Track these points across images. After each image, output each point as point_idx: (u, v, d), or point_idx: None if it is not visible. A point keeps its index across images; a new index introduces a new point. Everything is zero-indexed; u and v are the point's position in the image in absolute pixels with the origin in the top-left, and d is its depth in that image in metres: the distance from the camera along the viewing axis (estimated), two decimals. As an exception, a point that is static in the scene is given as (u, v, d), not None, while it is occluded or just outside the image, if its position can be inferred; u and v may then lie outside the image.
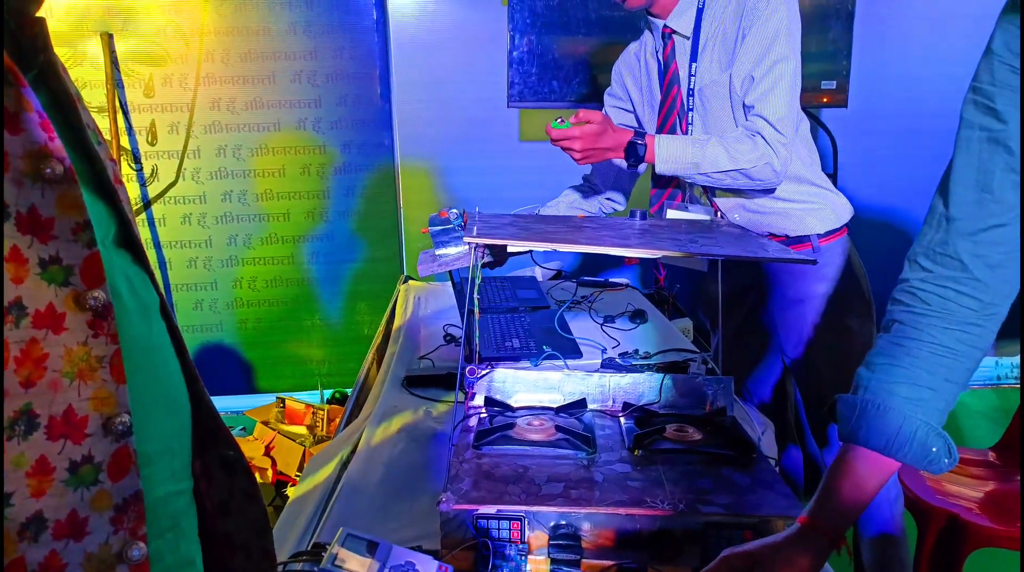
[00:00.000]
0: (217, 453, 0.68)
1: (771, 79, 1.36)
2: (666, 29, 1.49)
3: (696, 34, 1.46)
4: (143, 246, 0.61)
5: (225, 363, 2.93)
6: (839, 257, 1.50)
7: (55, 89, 0.55)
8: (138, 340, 0.57)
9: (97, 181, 0.57)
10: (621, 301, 2.03)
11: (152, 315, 0.61)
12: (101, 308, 0.52)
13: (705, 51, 1.45)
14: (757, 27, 1.36)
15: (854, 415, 0.78)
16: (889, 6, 2.79)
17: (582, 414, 1.11)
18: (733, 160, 1.36)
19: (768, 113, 1.36)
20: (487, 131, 2.82)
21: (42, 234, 0.49)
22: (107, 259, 0.53)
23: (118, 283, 0.56)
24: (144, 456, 0.55)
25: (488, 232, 0.93)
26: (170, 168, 2.73)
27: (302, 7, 2.64)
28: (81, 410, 0.50)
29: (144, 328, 0.60)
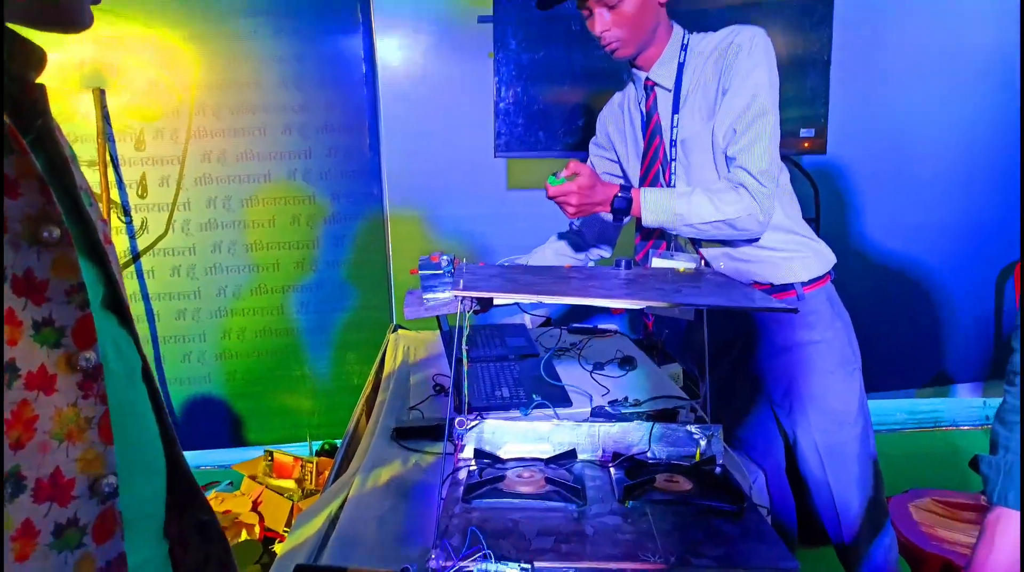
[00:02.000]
0: (193, 517, 0.67)
1: (753, 132, 1.39)
2: (648, 81, 1.53)
3: (678, 87, 1.50)
4: (129, 308, 0.62)
5: (213, 415, 2.90)
6: (823, 304, 1.51)
7: (52, 152, 0.57)
8: (123, 403, 0.57)
9: (89, 243, 0.58)
10: (610, 348, 2.03)
11: (136, 378, 0.61)
12: (92, 369, 0.52)
13: (686, 103, 1.49)
14: (738, 82, 1.40)
15: (1000, 477, 0.77)
16: (863, 54, 2.88)
17: (572, 465, 1.10)
18: (718, 211, 1.39)
19: (751, 165, 1.39)
20: (475, 180, 2.86)
21: (36, 296, 0.49)
22: (96, 321, 0.54)
23: (106, 346, 0.56)
24: (126, 522, 0.54)
25: (475, 284, 0.94)
26: (160, 220, 2.74)
27: (293, 62, 2.69)
28: (68, 472, 0.50)
29: (129, 392, 0.60)
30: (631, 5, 1.42)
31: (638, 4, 1.42)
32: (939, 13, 2.91)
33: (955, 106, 3.00)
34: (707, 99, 1.46)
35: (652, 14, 1.46)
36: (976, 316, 3.21)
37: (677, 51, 1.50)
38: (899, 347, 3.16)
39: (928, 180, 3.05)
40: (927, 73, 2.97)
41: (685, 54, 1.49)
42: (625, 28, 1.44)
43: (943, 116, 3.01)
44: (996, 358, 3.23)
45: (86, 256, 0.57)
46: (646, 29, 1.46)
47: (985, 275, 3.20)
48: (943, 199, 3.08)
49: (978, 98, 3.01)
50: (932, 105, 3.00)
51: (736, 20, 2.45)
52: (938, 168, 3.04)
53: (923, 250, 3.12)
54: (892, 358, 3.13)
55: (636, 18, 1.43)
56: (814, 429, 1.52)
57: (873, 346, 1.66)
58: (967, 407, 3.23)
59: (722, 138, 1.43)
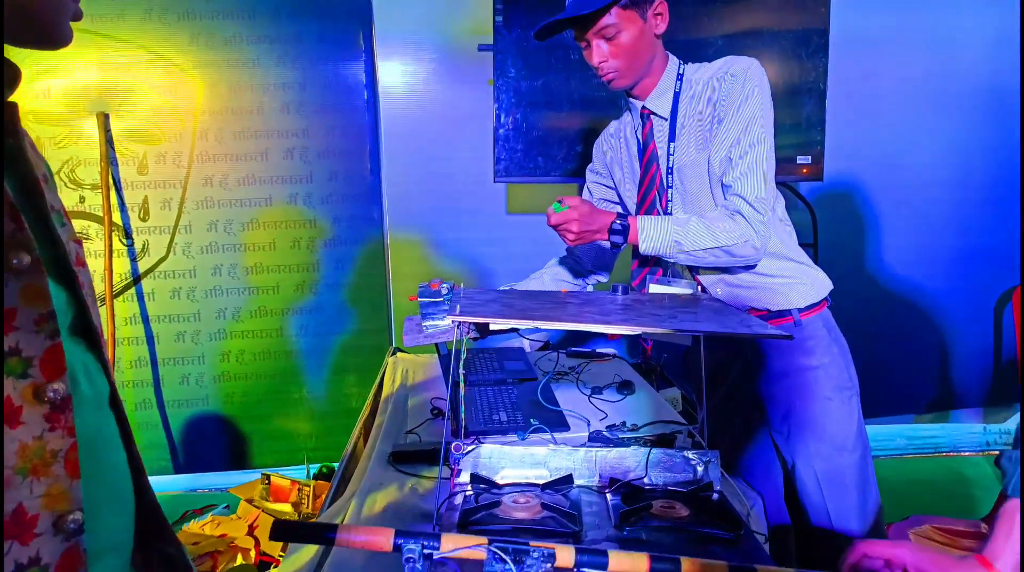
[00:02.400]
0: (159, 550, 0.65)
1: (748, 161, 1.41)
2: (644, 110, 1.56)
3: (673, 116, 1.52)
4: (99, 332, 0.59)
5: (210, 438, 2.89)
6: (820, 330, 1.52)
7: (23, 173, 0.55)
8: (90, 432, 0.55)
9: (59, 267, 0.56)
10: (609, 372, 2.03)
11: (104, 405, 0.59)
12: (60, 401, 0.50)
13: (682, 132, 1.51)
14: (733, 112, 1.42)
15: (1018, 470, 0.80)
16: (859, 82, 2.92)
17: (568, 490, 1.10)
18: (714, 238, 1.40)
19: (747, 193, 1.41)
20: (475, 205, 2.88)
21: (4, 325, 0.47)
22: (65, 347, 0.52)
23: (76, 372, 0.55)
24: (92, 554, 0.52)
25: (472, 310, 0.95)
26: (161, 243, 2.76)
27: (296, 88, 2.73)
28: (32, 508, 0.48)
29: (97, 419, 0.58)
30: (628, 37, 1.44)
31: (635, 36, 1.45)
32: (933, 42, 2.95)
33: (949, 133, 3.03)
34: (703, 128, 1.48)
35: (649, 45, 1.48)
36: (975, 341, 3.22)
37: (673, 81, 1.52)
38: (898, 372, 3.16)
39: (924, 206, 3.07)
40: (921, 101, 3.00)
41: (680, 83, 1.52)
42: (622, 59, 1.46)
43: (938, 143, 3.04)
44: (996, 383, 3.22)
45: (56, 281, 0.55)
46: (643, 60, 1.49)
47: (983, 300, 3.21)
48: (940, 225, 3.10)
49: (971, 125, 3.04)
50: (927, 132, 3.03)
51: (733, 49, 2.50)
52: (934, 194, 3.07)
53: (921, 275, 3.13)
54: (891, 383, 3.13)
55: (633, 49, 1.46)
56: (812, 455, 1.51)
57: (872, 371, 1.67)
58: (967, 433, 3.22)
59: (718, 167, 1.45)
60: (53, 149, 2.65)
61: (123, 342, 2.77)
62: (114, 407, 0.61)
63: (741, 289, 1.52)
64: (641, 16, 1.45)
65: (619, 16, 1.43)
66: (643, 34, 1.46)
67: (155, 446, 2.86)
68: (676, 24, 2.47)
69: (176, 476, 2.90)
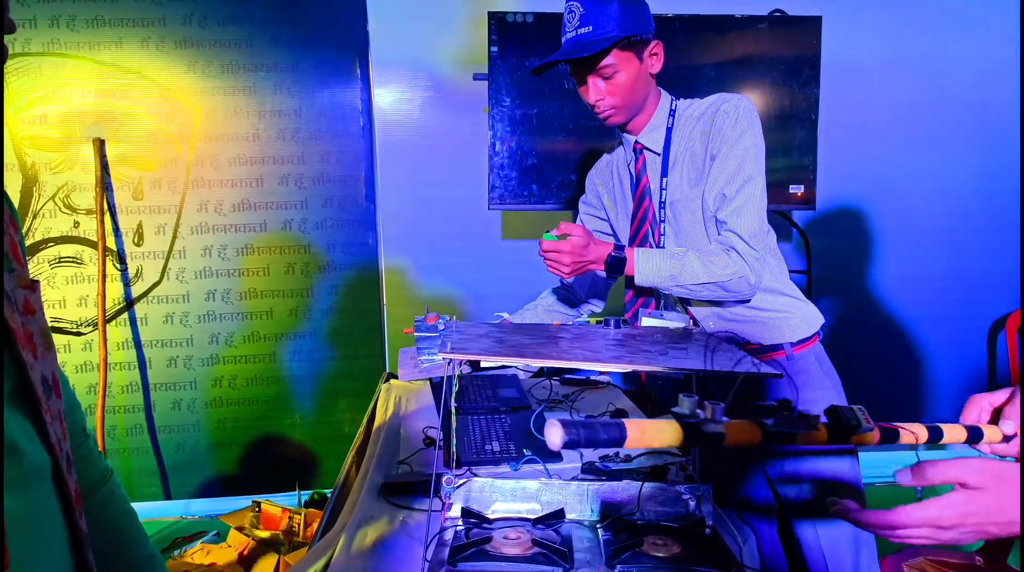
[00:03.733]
0: None
1: (743, 197, 1.42)
2: (637, 145, 1.57)
3: (666, 151, 1.53)
4: (39, 393, 0.55)
5: (201, 464, 2.87)
6: (812, 364, 1.52)
7: None
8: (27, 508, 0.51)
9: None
10: (603, 400, 2.03)
11: (45, 476, 0.55)
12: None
13: (675, 168, 1.52)
14: (726, 149, 1.44)
15: None
16: (850, 110, 2.95)
17: (559, 525, 1.10)
18: (709, 273, 1.41)
19: (741, 229, 1.42)
20: (469, 231, 2.89)
21: None
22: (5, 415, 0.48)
23: (18, 440, 0.51)
24: None
25: (463, 346, 0.95)
26: (155, 268, 2.76)
27: (292, 115, 2.75)
28: None
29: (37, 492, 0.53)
30: (625, 77, 1.46)
31: (632, 76, 1.47)
32: (923, 70, 2.99)
33: (940, 160, 3.06)
34: (695, 164, 1.50)
35: (644, 84, 1.50)
36: (969, 368, 3.22)
37: (665, 117, 1.54)
38: (892, 399, 3.16)
39: (917, 232, 3.09)
40: (913, 128, 3.04)
41: (673, 119, 1.53)
42: (619, 97, 1.48)
43: (929, 169, 3.07)
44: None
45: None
46: (638, 98, 1.51)
47: (977, 326, 3.22)
48: (932, 251, 3.12)
49: (962, 152, 3.07)
50: (918, 159, 3.06)
51: (725, 78, 2.53)
52: (926, 221, 3.09)
53: (914, 301, 3.15)
54: (885, 411, 3.13)
55: (630, 89, 1.48)
56: (804, 487, 1.51)
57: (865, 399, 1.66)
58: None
59: (712, 203, 1.46)
60: (49, 174, 2.66)
61: (115, 367, 2.76)
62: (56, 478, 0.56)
63: (734, 323, 1.52)
64: (638, 57, 1.47)
65: (617, 57, 1.45)
66: (639, 74, 1.48)
67: (145, 472, 2.83)
68: (669, 54, 2.51)
69: (166, 502, 2.87)
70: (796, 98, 2.56)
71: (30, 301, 0.56)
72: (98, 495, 0.83)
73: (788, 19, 2.60)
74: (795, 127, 2.57)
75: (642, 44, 1.47)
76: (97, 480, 0.84)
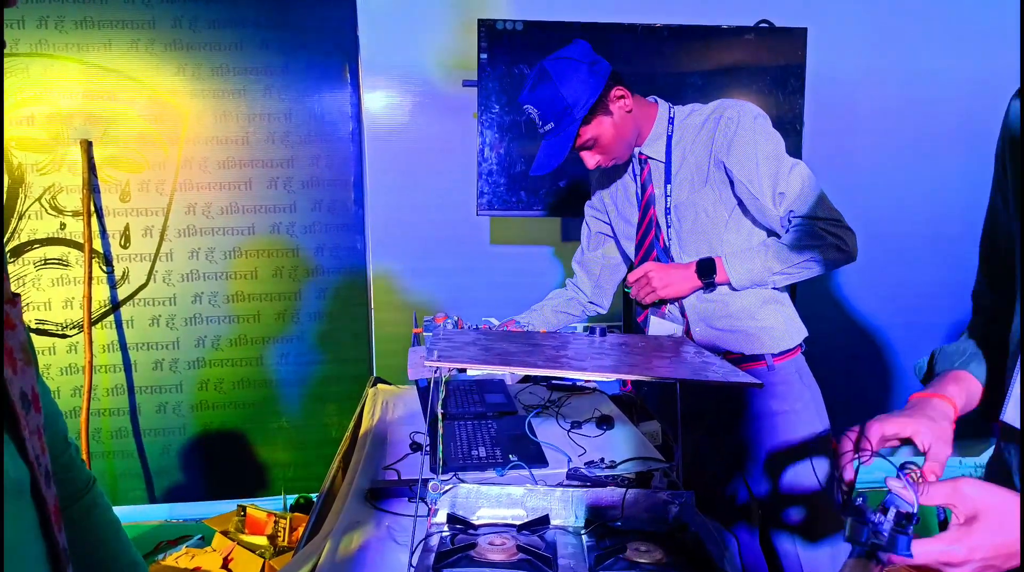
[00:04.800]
0: None
1: (795, 185, 1.48)
2: (641, 155, 1.60)
3: (668, 158, 1.56)
4: (17, 408, 0.55)
5: (186, 468, 2.86)
6: (793, 376, 1.55)
7: None
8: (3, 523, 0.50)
9: None
10: (589, 405, 2.04)
11: (24, 491, 0.55)
12: None
13: (678, 174, 1.55)
14: (754, 159, 1.47)
15: None
16: (835, 119, 2.98)
17: (544, 531, 1.11)
18: (801, 254, 1.47)
19: (808, 210, 1.47)
20: (458, 236, 2.90)
21: None
22: None
23: None
24: None
25: (451, 353, 0.96)
26: (142, 270, 2.75)
27: (281, 119, 2.75)
28: None
29: (15, 508, 0.53)
30: (606, 136, 1.50)
31: (611, 131, 1.50)
32: (907, 82, 3.03)
33: (924, 170, 3.10)
34: (699, 170, 1.53)
35: (628, 125, 1.53)
36: (950, 375, 3.25)
37: (665, 125, 1.57)
38: (873, 409, 3.19)
39: (900, 242, 3.13)
40: (897, 138, 3.08)
41: (672, 127, 1.56)
42: (610, 152, 1.52)
43: (913, 179, 3.11)
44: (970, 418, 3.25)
45: None
46: (629, 138, 1.54)
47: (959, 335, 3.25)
48: (915, 261, 3.16)
49: (945, 162, 3.11)
50: (902, 169, 3.10)
51: (712, 87, 2.56)
52: (910, 232, 3.12)
53: (897, 311, 3.18)
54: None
55: (616, 141, 1.51)
56: (783, 496, 1.53)
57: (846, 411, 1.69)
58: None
59: (775, 207, 1.50)
60: (35, 175, 2.64)
61: (100, 370, 2.74)
62: (35, 494, 0.55)
63: (719, 332, 1.54)
64: (606, 114, 1.49)
65: (588, 130, 1.48)
66: (616, 124, 1.51)
67: (130, 475, 2.82)
68: (657, 62, 2.54)
69: (151, 506, 2.86)
70: (782, 108, 2.59)
71: (11, 316, 0.56)
72: (81, 504, 0.83)
73: (774, 30, 2.63)
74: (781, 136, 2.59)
75: (602, 102, 1.49)
76: (80, 488, 0.84)
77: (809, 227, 1.47)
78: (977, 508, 0.70)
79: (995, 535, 0.69)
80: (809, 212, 1.48)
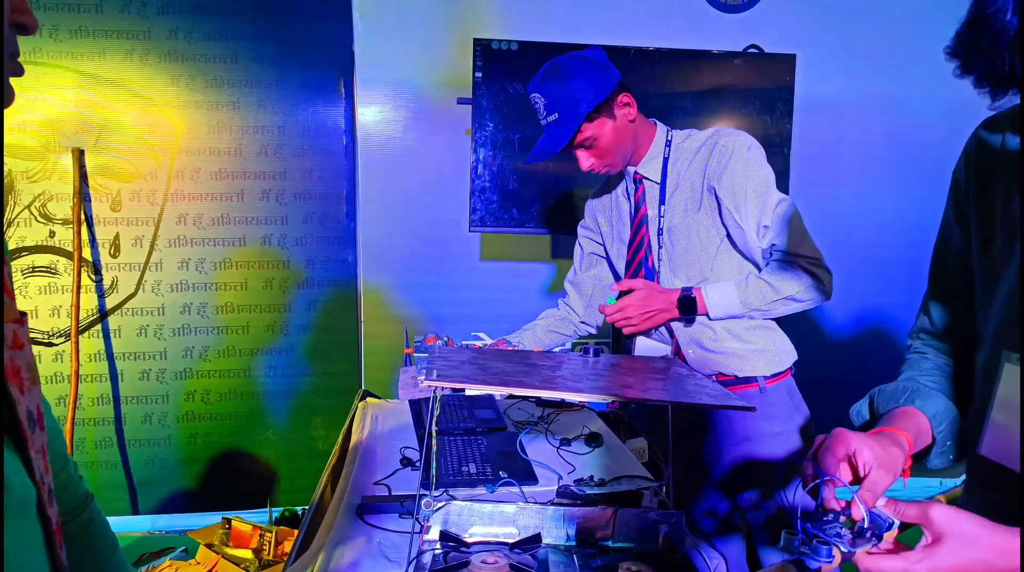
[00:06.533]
0: None
1: (780, 219, 1.50)
2: (637, 175, 1.62)
3: (663, 180, 1.58)
4: (25, 427, 0.55)
5: (171, 479, 2.84)
6: (784, 398, 1.57)
7: None
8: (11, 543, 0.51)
9: None
10: (577, 422, 2.05)
11: (30, 510, 0.55)
12: None
13: (672, 196, 1.57)
14: (743, 190, 1.50)
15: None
16: (822, 144, 3.04)
17: (536, 550, 1.12)
18: (777, 291, 1.49)
19: (790, 245, 1.49)
20: (449, 251, 2.92)
21: None
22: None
23: (5, 472, 0.51)
24: None
25: (448, 373, 0.97)
26: (131, 280, 2.74)
27: (275, 131, 2.76)
28: None
29: (22, 527, 0.54)
30: (605, 139, 1.52)
31: (611, 135, 1.53)
32: (890, 109, 3.09)
33: (906, 195, 3.15)
34: (693, 194, 1.56)
35: (627, 133, 1.56)
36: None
37: (662, 147, 1.59)
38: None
39: (883, 264, 3.18)
40: (880, 164, 3.14)
41: (669, 150, 1.58)
42: (607, 157, 1.54)
43: (895, 205, 3.16)
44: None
45: None
46: (626, 148, 1.56)
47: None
48: (897, 281, 3.21)
49: (926, 188, 3.16)
50: (884, 194, 3.15)
51: (701, 110, 2.60)
52: (894, 257, 3.18)
53: (881, 335, 3.23)
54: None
55: (614, 146, 1.54)
56: (774, 516, 1.55)
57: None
58: (923, 486, 3.29)
59: (759, 239, 1.53)
60: (26, 183, 2.63)
61: (86, 379, 2.72)
62: (40, 513, 0.56)
63: (712, 354, 1.57)
64: (610, 117, 1.52)
65: (589, 128, 1.51)
66: (617, 129, 1.53)
67: (114, 486, 2.79)
68: (649, 85, 2.58)
69: (134, 517, 2.84)
70: (770, 132, 2.63)
71: (19, 335, 0.57)
72: (78, 520, 0.83)
73: (763, 56, 2.69)
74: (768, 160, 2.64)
75: (608, 104, 1.52)
76: (78, 505, 0.84)
77: (789, 263, 1.50)
78: (943, 531, 0.73)
79: (958, 558, 0.71)
80: (791, 248, 1.51)
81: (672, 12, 2.87)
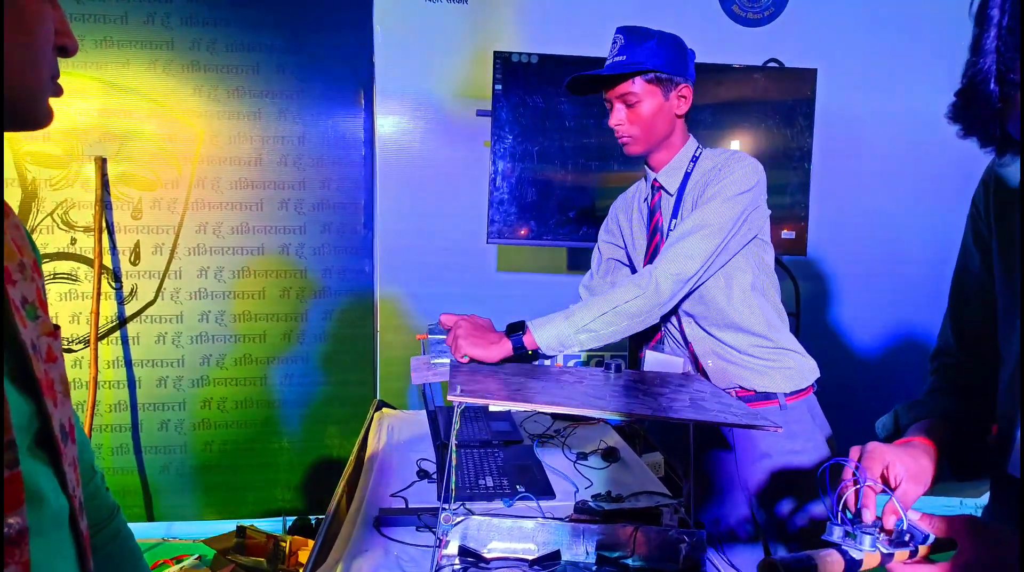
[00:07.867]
0: None
1: (684, 240, 1.44)
2: (656, 182, 1.62)
3: (680, 193, 1.57)
4: (59, 441, 0.55)
5: (186, 486, 2.85)
6: (804, 416, 1.55)
7: None
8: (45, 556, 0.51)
9: (22, 372, 0.51)
10: (594, 436, 2.05)
11: (63, 523, 0.56)
12: (16, 535, 0.45)
13: (681, 211, 1.56)
14: (707, 197, 1.48)
15: None
16: (842, 157, 3.02)
17: (555, 567, 1.11)
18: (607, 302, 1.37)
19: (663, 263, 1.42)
20: (466, 262, 2.92)
21: None
22: (29, 469, 0.48)
23: (42, 488, 0.51)
24: None
25: (472, 388, 0.97)
26: (150, 287, 2.76)
27: (295, 142, 2.78)
28: None
29: (56, 539, 0.54)
30: (647, 109, 1.51)
31: (654, 109, 1.51)
32: (910, 121, 3.06)
33: (926, 208, 3.13)
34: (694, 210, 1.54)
35: (667, 121, 1.54)
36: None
37: (687, 161, 1.58)
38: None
39: (905, 279, 3.15)
40: (900, 177, 3.11)
41: (694, 165, 1.57)
42: (638, 127, 1.52)
43: (915, 218, 3.13)
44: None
45: (19, 390, 0.51)
46: (658, 134, 1.55)
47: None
48: (920, 297, 3.18)
49: (946, 202, 3.14)
50: (905, 207, 3.13)
51: (721, 124, 2.60)
52: (913, 272, 3.15)
53: (898, 348, 3.20)
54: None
55: (650, 121, 1.52)
56: (791, 535, 1.53)
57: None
58: (943, 507, 3.25)
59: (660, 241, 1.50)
60: (48, 190, 2.67)
61: (104, 385, 2.74)
62: (73, 525, 0.56)
63: (731, 365, 1.55)
64: (663, 93, 1.51)
65: (640, 87, 1.50)
66: (662, 110, 1.52)
67: (129, 492, 2.80)
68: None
69: (149, 524, 2.85)
70: (790, 146, 2.62)
71: (53, 348, 0.57)
72: (106, 532, 0.83)
73: (784, 70, 2.68)
74: (788, 174, 2.63)
75: (670, 82, 1.52)
76: (105, 516, 0.84)
77: (645, 272, 1.43)
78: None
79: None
80: (660, 264, 1.43)
81: (693, 27, 2.85)
